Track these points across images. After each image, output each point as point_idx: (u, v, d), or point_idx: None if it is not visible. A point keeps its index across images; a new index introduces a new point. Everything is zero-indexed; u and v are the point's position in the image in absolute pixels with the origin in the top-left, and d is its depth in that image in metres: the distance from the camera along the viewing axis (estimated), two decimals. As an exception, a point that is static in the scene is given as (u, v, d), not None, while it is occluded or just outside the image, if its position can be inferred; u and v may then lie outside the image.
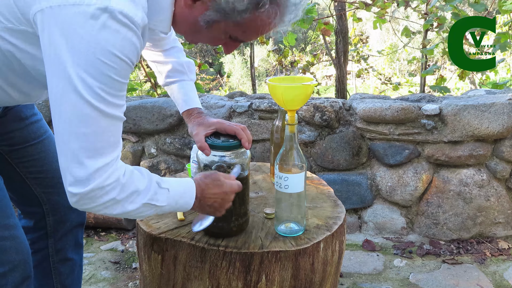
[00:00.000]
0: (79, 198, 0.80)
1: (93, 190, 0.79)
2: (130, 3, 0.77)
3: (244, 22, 0.86)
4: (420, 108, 2.21)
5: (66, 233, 1.36)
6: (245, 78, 11.15)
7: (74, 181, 0.78)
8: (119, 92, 0.80)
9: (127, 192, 0.83)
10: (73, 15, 0.74)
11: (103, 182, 0.79)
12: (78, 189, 0.79)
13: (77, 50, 0.74)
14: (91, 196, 0.79)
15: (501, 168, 2.20)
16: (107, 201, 0.81)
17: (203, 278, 1.07)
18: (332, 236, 1.14)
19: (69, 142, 0.78)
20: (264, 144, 2.41)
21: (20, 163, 1.23)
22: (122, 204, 0.83)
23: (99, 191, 0.79)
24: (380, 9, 3.15)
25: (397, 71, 8.99)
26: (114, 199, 0.82)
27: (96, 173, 0.78)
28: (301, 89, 1.10)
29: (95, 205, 0.81)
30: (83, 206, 0.81)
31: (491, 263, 2.08)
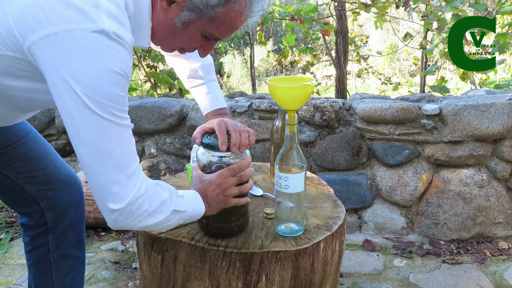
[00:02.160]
0: (118, 215, 0.85)
1: (129, 204, 0.84)
2: (120, 25, 0.81)
3: (218, 17, 0.90)
4: (420, 108, 2.21)
5: (66, 229, 1.35)
6: (245, 78, 11.15)
7: (113, 197, 0.83)
8: (124, 106, 0.84)
9: (156, 203, 0.89)
10: (71, 40, 0.77)
11: (137, 192, 0.85)
12: (117, 204, 0.83)
13: (82, 74, 0.78)
14: (128, 210, 0.84)
15: (501, 168, 2.20)
16: (141, 214, 0.86)
17: (203, 278, 1.07)
18: (332, 236, 1.14)
19: (99, 163, 0.82)
20: (264, 144, 2.41)
21: (6, 166, 1.23)
22: (154, 215, 0.89)
23: (134, 204, 0.85)
24: (379, 10, 3.15)
25: (397, 71, 8.98)
26: (147, 211, 0.87)
27: (130, 181, 0.84)
28: (301, 89, 1.10)
29: (131, 220, 0.86)
30: (120, 223, 0.86)
31: (491, 263, 2.08)
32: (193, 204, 0.99)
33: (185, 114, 2.48)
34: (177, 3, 0.89)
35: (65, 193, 1.32)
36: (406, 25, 7.62)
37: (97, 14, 0.78)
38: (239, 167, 1.04)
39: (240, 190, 1.05)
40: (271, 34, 4.83)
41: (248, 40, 4.14)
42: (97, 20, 0.78)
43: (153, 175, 2.58)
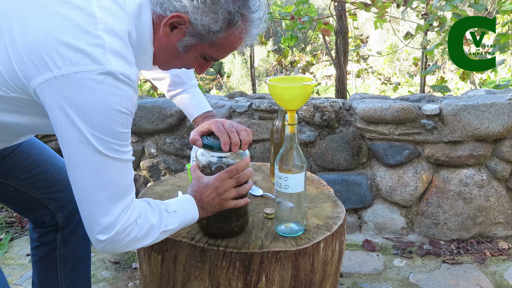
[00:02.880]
0: (106, 243, 0.87)
1: (117, 233, 0.86)
2: (125, 63, 0.83)
3: (219, 42, 0.94)
4: (420, 108, 2.21)
5: (76, 226, 1.36)
6: (245, 78, 11.15)
7: (101, 229, 0.85)
8: (127, 140, 0.87)
9: (145, 229, 0.91)
10: (79, 83, 0.78)
11: (124, 224, 0.87)
12: (105, 235, 0.86)
13: (88, 114, 0.80)
14: (115, 239, 0.87)
15: (501, 168, 2.20)
16: (129, 241, 0.89)
17: (203, 278, 1.07)
18: (332, 236, 1.14)
19: (93, 195, 0.84)
20: (264, 144, 2.41)
21: (6, 176, 1.23)
22: (142, 239, 0.91)
23: (122, 233, 0.87)
24: (379, 10, 3.15)
25: (397, 71, 8.98)
26: (135, 237, 0.89)
27: (121, 215, 0.86)
28: (301, 89, 1.10)
29: (119, 246, 0.88)
30: (109, 250, 0.89)
31: (491, 263, 2.08)
32: (186, 214, 1.00)
33: (185, 114, 2.48)
34: (179, 29, 0.91)
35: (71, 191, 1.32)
36: (406, 25, 7.63)
37: (103, 55, 0.79)
38: (236, 169, 1.04)
39: (238, 192, 1.05)
40: (271, 34, 4.83)
41: (248, 40, 4.13)
42: (103, 61, 0.79)
43: (153, 175, 2.58)
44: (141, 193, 1.39)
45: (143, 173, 2.59)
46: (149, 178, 2.61)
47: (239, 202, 1.06)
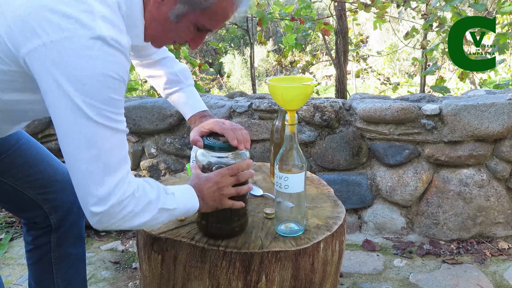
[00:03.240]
0: (101, 217, 0.84)
1: (113, 206, 0.83)
2: (115, 29, 0.82)
3: (211, 8, 0.92)
4: (420, 108, 2.21)
5: (69, 228, 1.36)
6: (245, 78, 11.15)
7: (96, 200, 0.82)
8: (120, 109, 0.85)
9: (142, 204, 0.88)
10: (68, 48, 0.77)
11: (121, 197, 0.84)
12: (100, 207, 0.83)
13: (79, 80, 0.78)
14: (111, 212, 0.84)
15: (501, 168, 2.20)
16: (126, 215, 0.86)
17: (203, 278, 1.07)
18: (332, 236, 1.14)
19: (86, 166, 0.81)
20: (264, 144, 2.41)
21: (4, 174, 1.22)
22: (140, 215, 0.88)
23: (118, 207, 0.84)
24: (379, 10, 3.15)
25: (397, 71, 8.98)
26: (132, 211, 0.86)
27: (116, 187, 0.83)
28: (301, 89, 1.10)
29: (115, 221, 0.86)
30: (104, 224, 0.86)
31: (491, 263, 2.08)
32: (186, 201, 0.98)
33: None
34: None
35: (66, 193, 1.32)
36: (406, 25, 7.62)
37: (92, 21, 0.78)
38: (237, 168, 1.04)
39: (237, 191, 1.04)
40: (271, 34, 4.83)
41: (248, 40, 4.14)
42: (93, 26, 0.78)
43: (153, 175, 2.58)
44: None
45: (143, 173, 2.59)
46: (149, 178, 2.61)
47: (235, 204, 1.05)
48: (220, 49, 3.93)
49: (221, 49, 3.99)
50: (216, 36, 7.06)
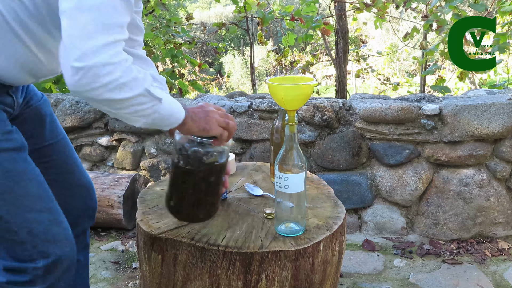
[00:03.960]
0: (83, 74, 0.77)
1: (97, 65, 0.77)
2: None
3: None
4: (420, 108, 2.21)
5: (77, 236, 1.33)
6: (245, 78, 11.15)
7: (81, 54, 0.77)
8: None
9: (129, 77, 0.82)
10: None
11: (109, 59, 0.78)
12: (83, 62, 0.77)
13: None
14: (94, 73, 0.77)
15: (501, 168, 2.20)
16: (110, 82, 0.79)
17: (203, 278, 1.07)
18: (332, 236, 1.14)
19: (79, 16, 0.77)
20: (264, 144, 2.42)
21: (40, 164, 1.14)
22: (123, 89, 0.81)
23: (103, 68, 0.78)
24: (379, 10, 3.16)
25: (397, 71, 8.99)
26: (117, 80, 0.80)
27: (105, 47, 0.78)
28: (301, 89, 1.10)
29: (96, 86, 0.78)
30: (83, 87, 0.78)
31: (491, 263, 2.08)
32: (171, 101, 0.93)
33: (185, 114, 2.48)
34: None
35: (81, 200, 1.31)
36: (406, 25, 7.63)
37: None
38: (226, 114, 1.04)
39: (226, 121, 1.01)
40: (271, 34, 4.83)
41: (248, 40, 4.14)
42: None
43: (153, 175, 2.58)
44: (141, 193, 1.39)
45: (143, 173, 2.59)
46: (149, 178, 2.61)
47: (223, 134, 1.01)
48: (220, 49, 3.93)
49: (221, 49, 3.99)
50: (216, 36, 7.06)
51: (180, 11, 7.78)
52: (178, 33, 3.45)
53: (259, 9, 3.47)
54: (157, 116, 0.89)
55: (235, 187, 1.45)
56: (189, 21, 3.87)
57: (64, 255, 1.01)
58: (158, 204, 1.30)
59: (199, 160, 1.04)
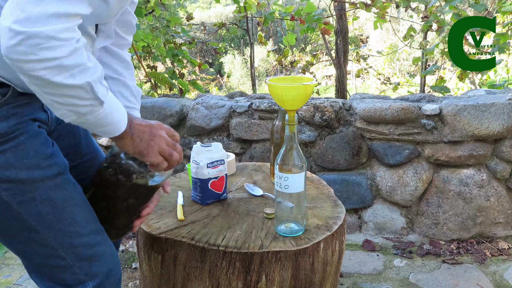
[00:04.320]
0: (20, 41, 0.65)
1: (40, 34, 0.65)
2: None
3: None
4: (420, 108, 2.21)
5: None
6: (245, 78, 11.16)
7: (24, 17, 0.65)
8: None
9: (74, 60, 0.70)
10: None
11: (55, 32, 0.67)
12: (24, 27, 0.65)
13: None
14: (35, 42, 0.66)
15: (501, 168, 2.20)
16: (49, 59, 0.67)
17: (203, 278, 1.07)
18: (332, 236, 1.14)
19: None
20: (264, 144, 2.41)
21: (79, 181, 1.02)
22: (63, 73, 0.69)
23: (46, 41, 0.66)
24: (379, 10, 3.15)
25: (397, 71, 8.99)
26: (58, 59, 0.68)
27: (54, 18, 0.67)
28: (301, 89, 1.10)
29: (33, 58, 0.66)
30: (19, 55, 0.66)
31: (491, 263, 2.08)
32: (115, 108, 0.80)
33: (185, 114, 2.48)
34: None
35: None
36: (406, 25, 7.62)
37: None
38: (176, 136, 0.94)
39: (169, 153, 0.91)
40: (271, 34, 4.83)
41: (248, 40, 4.14)
42: None
43: (153, 175, 2.58)
44: (141, 193, 1.38)
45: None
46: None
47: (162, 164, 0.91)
48: (220, 49, 3.93)
49: (221, 49, 3.99)
50: (216, 36, 7.06)
51: (180, 11, 7.78)
52: (177, 33, 3.45)
53: (259, 9, 3.47)
54: (91, 119, 0.77)
55: (235, 187, 1.45)
56: (189, 21, 3.86)
57: (110, 272, 0.98)
58: (158, 204, 1.30)
59: (128, 176, 0.94)
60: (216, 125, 2.43)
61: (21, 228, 0.88)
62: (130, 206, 1.00)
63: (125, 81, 1.11)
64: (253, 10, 3.50)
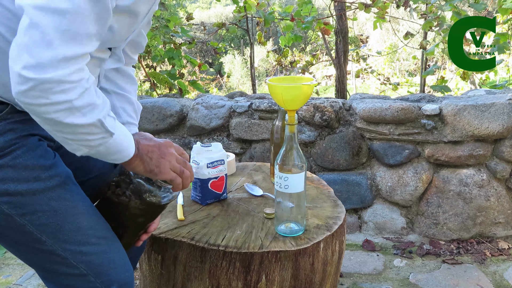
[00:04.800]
0: (31, 87, 0.65)
1: (51, 80, 0.66)
2: None
3: None
4: (420, 108, 2.21)
5: None
6: (245, 78, 11.16)
7: (34, 63, 0.65)
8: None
9: (85, 101, 0.71)
10: None
11: (66, 76, 0.67)
12: (35, 73, 0.65)
13: None
14: (46, 88, 0.66)
15: (501, 168, 2.20)
16: (61, 102, 0.68)
17: (203, 278, 1.06)
18: (332, 236, 1.14)
19: (40, 18, 0.65)
20: (264, 144, 2.41)
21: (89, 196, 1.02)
22: (74, 113, 0.70)
23: (57, 85, 0.67)
24: (380, 10, 3.15)
25: (397, 71, 8.99)
26: (70, 102, 0.69)
27: (65, 62, 0.67)
28: (301, 89, 1.10)
29: (45, 102, 0.67)
30: (31, 99, 0.67)
31: (491, 263, 2.08)
32: (123, 136, 0.82)
33: (185, 114, 2.48)
34: None
35: None
36: (406, 25, 7.63)
37: None
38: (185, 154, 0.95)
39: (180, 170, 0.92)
40: (271, 34, 4.83)
41: (248, 40, 4.14)
42: None
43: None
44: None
45: (143, 173, 2.59)
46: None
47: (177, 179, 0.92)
48: (220, 49, 3.93)
49: (221, 49, 3.99)
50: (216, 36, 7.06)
51: (180, 11, 7.78)
52: (177, 33, 3.45)
53: (259, 9, 3.47)
54: (102, 150, 0.79)
55: (235, 187, 1.45)
56: (189, 21, 3.86)
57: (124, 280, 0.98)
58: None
59: (138, 195, 0.93)
60: (216, 125, 2.43)
61: (28, 240, 0.88)
62: (139, 224, 0.99)
63: (129, 97, 1.12)
64: (253, 10, 3.50)
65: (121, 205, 0.95)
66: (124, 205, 0.95)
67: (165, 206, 0.97)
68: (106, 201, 0.97)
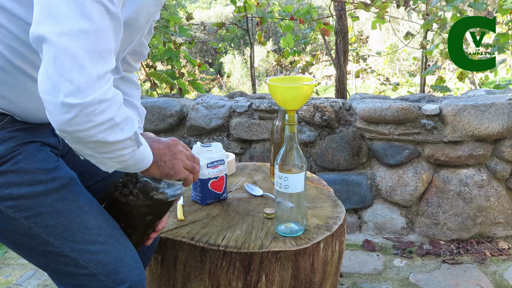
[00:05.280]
0: (77, 113, 0.66)
1: (93, 102, 0.66)
2: None
3: None
4: (420, 108, 2.21)
5: None
6: (245, 78, 11.16)
7: (73, 89, 0.65)
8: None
9: (123, 115, 0.73)
10: None
11: (104, 95, 0.68)
12: (77, 99, 0.65)
13: None
14: (90, 111, 0.67)
15: (501, 168, 2.20)
16: (105, 121, 0.69)
17: (203, 278, 1.06)
18: (332, 236, 1.14)
19: (67, 42, 0.65)
20: (264, 144, 2.41)
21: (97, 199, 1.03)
22: (116, 131, 0.72)
23: (99, 106, 0.67)
24: (379, 10, 3.15)
25: (397, 71, 8.99)
26: (112, 119, 0.70)
27: (100, 80, 0.68)
28: (301, 89, 1.10)
29: (91, 125, 0.68)
30: (78, 126, 0.67)
31: (491, 263, 2.08)
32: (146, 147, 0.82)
33: (185, 114, 2.48)
34: None
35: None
36: (406, 25, 7.63)
37: None
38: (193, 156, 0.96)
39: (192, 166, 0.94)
40: (271, 34, 4.83)
41: (248, 40, 4.14)
42: None
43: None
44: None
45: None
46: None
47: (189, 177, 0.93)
48: (220, 49, 3.93)
49: (221, 49, 3.99)
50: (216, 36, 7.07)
51: (180, 11, 7.78)
52: (176, 33, 3.45)
53: (259, 9, 3.47)
54: (130, 163, 0.79)
55: (235, 187, 1.45)
56: (189, 21, 3.86)
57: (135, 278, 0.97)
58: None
59: (146, 194, 0.94)
60: (216, 125, 2.43)
61: (36, 242, 0.89)
62: (147, 222, 0.99)
63: (133, 102, 1.12)
64: (252, 10, 3.50)
65: (129, 205, 0.95)
66: (132, 205, 0.95)
67: (173, 202, 0.98)
68: (113, 202, 0.97)
